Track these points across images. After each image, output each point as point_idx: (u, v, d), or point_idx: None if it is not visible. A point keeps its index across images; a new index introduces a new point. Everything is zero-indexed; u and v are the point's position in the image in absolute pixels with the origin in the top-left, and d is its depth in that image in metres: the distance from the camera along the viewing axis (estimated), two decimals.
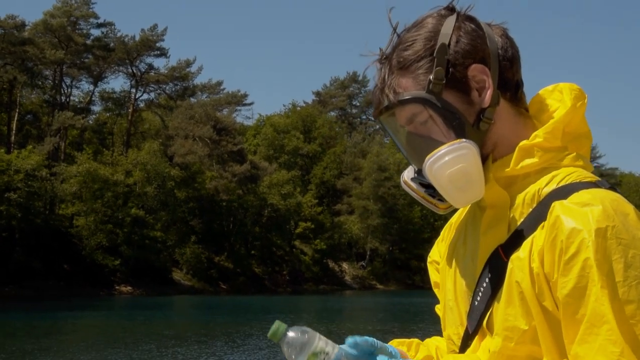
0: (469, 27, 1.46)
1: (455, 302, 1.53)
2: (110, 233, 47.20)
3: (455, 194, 1.43)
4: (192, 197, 55.01)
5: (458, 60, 1.44)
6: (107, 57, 55.75)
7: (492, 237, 1.43)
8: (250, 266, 56.49)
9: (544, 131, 1.43)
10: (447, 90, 1.44)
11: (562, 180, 1.39)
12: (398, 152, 65.26)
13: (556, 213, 1.30)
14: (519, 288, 1.34)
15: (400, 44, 1.49)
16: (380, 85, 1.50)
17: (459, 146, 1.41)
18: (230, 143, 56.67)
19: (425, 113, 1.45)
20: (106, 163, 50.72)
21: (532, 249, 1.33)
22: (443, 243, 1.67)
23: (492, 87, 1.44)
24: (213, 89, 63.72)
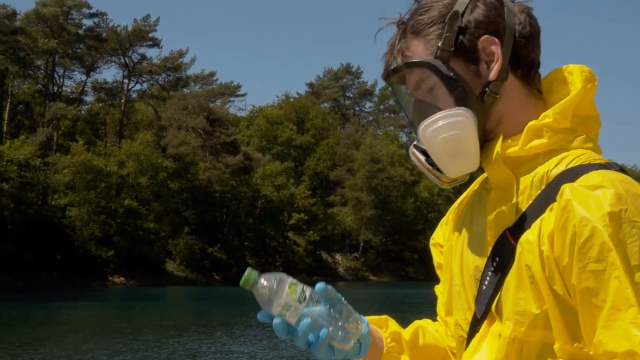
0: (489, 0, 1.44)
1: (462, 287, 1.50)
2: (104, 224, 47.11)
3: (448, 161, 1.43)
4: (185, 188, 54.94)
5: (469, 30, 1.43)
6: (100, 47, 55.50)
7: (499, 220, 1.41)
8: (243, 257, 56.50)
9: (553, 111, 1.40)
10: (456, 58, 1.43)
11: (571, 162, 1.36)
12: (391, 143, 65.30)
13: (567, 197, 1.27)
14: (529, 271, 1.31)
15: (418, 9, 1.48)
16: (391, 48, 1.50)
17: (454, 113, 1.40)
18: (224, 134, 56.58)
19: (431, 79, 1.44)
20: (99, 154, 50.55)
21: (542, 232, 1.30)
22: (447, 226, 1.65)
23: (501, 61, 1.42)
24: (206, 79, 63.59)
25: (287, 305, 1.38)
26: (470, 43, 1.42)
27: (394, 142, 70.61)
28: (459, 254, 1.53)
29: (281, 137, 68.30)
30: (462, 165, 1.43)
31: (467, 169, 1.44)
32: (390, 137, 72.58)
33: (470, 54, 1.43)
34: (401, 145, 72.38)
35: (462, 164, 1.43)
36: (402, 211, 67.23)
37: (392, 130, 76.73)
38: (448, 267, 1.57)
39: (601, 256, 1.21)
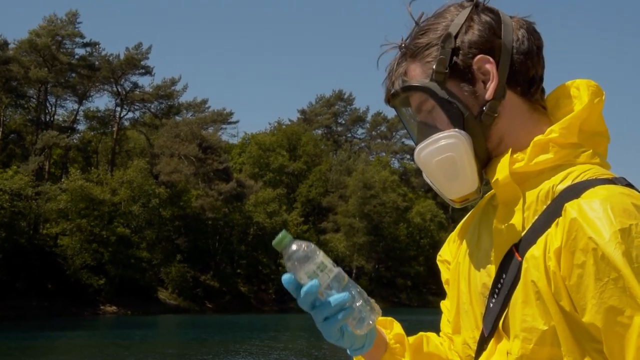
0: (484, 19, 1.45)
1: (470, 305, 1.49)
2: (95, 252, 46.86)
3: (445, 183, 1.43)
4: (177, 215, 54.77)
5: (463, 50, 1.42)
6: (92, 76, 55.61)
7: (505, 236, 1.39)
8: (236, 285, 56.21)
9: (559, 126, 1.39)
10: (451, 80, 1.43)
11: (577, 177, 1.34)
12: (383, 169, 65.27)
13: (573, 214, 1.25)
14: (535, 287, 1.30)
15: (417, 32, 1.49)
16: (390, 72, 1.51)
17: (447, 135, 1.40)
18: (216, 161, 56.57)
19: (429, 102, 1.44)
20: (92, 182, 50.45)
21: (548, 247, 1.29)
22: (454, 243, 1.63)
23: (497, 80, 1.41)
24: (198, 107, 63.72)
25: (322, 265, 1.36)
26: (464, 63, 1.42)
27: (386, 168, 70.69)
28: (466, 272, 1.51)
29: (273, 164, 68.33)
30: (459, 187, 1.43)
31: (465, 190, 1.44)
32: (382, 163, 72.71)
33: (466, 74, 1.42)
34: (393, 171, 72.48)
35: (459, 185, 1.43)
36: (395, 237, 67.14)
37: (384, 156, 76.89)
38: (455, 285, 1.55)
39: (618, 274, 1.18)
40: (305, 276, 1.36)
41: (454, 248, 1.62)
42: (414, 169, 76.91)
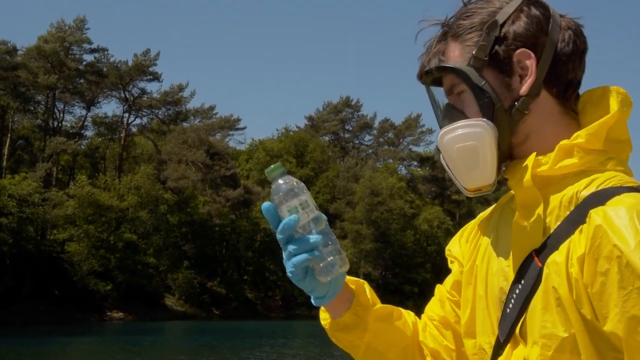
0: (534, 12, 1.42)
1: (487, 310, 1.46)
2: (103, 258, 46.95)
3: (463, 171, 1.41)
4: (184, 222, 54.84)
5: (506, 41, 1.40)
6: (100, 82, 55.81)
7: (525, 241, 1.37)
8: (242, 291, 56.20)
9: (586, 132, 1.36)
10: (489, 68, 1.40)
11: (602, 184, 1.31)
12: (391, 176, 65.19)
13: (598, 221, 1.22)
14: (556, 294, 1.27)
15: (462, 13, 1.46)
16: (428, 49, 1.48)
17: (474, 123, 1.38)
18: (223, 168, 56.66)
19: (461, 85, 1.43)
20: (100, 188, 50.58)
21: (571, 254, 1.26)
22: (468, 244, 1.60)
23: (535, 77, 1.38)
24: (206, 113, 63.84)
25: (306, 203, 1.37)
26: (505, 54, 1.40)
27: (393, 175, 70.62)
28: (484, 275, 1.49)
29: None
30: (476, 177, 1.41)
31: (481, 181, 1.42)
32: (389, 169, 72.63)
33: (504, 65, 1.40)
34: (400, 178, 72.41)
35: (476, 176, 1.41)
36: (402, 244, 67.04)
37: (391, 163, 76.84)
38: (471, 288, 1.53)
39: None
40: (286, 210, 1.36)
41: (467, 249, 1.60)
42: (421, 176, 76.86)
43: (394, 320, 1.63)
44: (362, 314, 1.57)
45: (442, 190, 74.81)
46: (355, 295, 1.58)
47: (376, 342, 1.60)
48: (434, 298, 1.71)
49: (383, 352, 1.61)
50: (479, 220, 1.62)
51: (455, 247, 1.66)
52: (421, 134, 76.89)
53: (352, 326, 1.58)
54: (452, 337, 1.65)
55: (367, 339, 1.59)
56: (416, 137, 77.24)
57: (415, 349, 1.65)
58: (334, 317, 1.58)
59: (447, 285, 1.66)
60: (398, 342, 1.62)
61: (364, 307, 1.58)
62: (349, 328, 1.58)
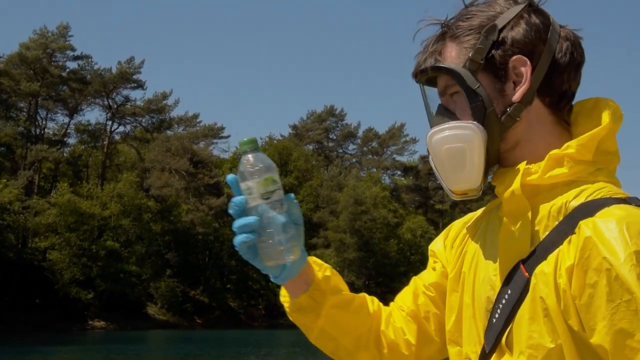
0: (534, 20, 1.41)
1: (473, 319, 1.45)
2: (84, 266, 46.62)
3: (449, 172, 1.41)
4: (167, 230, 54.60)
5: (504, 46, 1.39)
6: (84, 90, 55.51)
7: (512, 250, 1.36)
8: (225, 300, 55.97)
9: (577, 142, 1.36)
10: (484, 72, 1.40)
11: (591, 195, 1.31)
12: (374, 185, 65.12)
13: (587, 233, 1.22)
14: (544, 304, 1.26)
15: (462, 15, 1.46)
16: (425, 48, 1.48)
17: (464, 125, 1.38)
18: (207, 176, 56.52)
19: (455, 87, 1.42)
20: (82, 196, 50.25)
21: (559, 264, 1.26)
22: (454, 250, 1.59)
23: (529, 84, 1.38)
24: (190, 121, 63.68)
25: (250, 190, 1.38)
26: (501, 59, 1.39)
27: (377, 184, 70.65)
28: (471, 284, 1.48)
29: None
30: (462, 179, 1.40)
31: (467, 184, 1.41)
32: (373, 179, 72.66)
33: (500, 70, 1.39)
34: (384, 187, 72.47)
35: (462, 178, 1.40)
36: (385, 253, 67.05)
37: (375, 172, 76.92)
38: (457, 296, 1.53)
39: (631, 297, 1.16)
40: (244, 187, 1.38)
41: (452, 255, 1.59)
42: (404, 185, 76.99)
43: (353, 309, 1.62)
44: (319, 298, 1.58)
45: (426, 200, 74.99)
46: (315, 279, 1.58)
47: (330, 327, 1.60)
48: (407, 288, 1.71)
49: (336, 338, 1.62)
50: (464, 224, 1.62)
51: (439, 247, 1.66)
52: (405, 144, 77.10)
53: (307, 309, 1.58)
54: (415, 332, 1.65)
55: (321, 323, 1.59)
56: (400, 146, 77.42)
57: (370, 338, 1.65)
58: (291, 297, 1.59)
59: (425, 280, 1.66)
60: (353, 330, 1.62)
61: (322, 292, 1.58)
62: (304, 310, 1.58)
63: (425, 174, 73.84)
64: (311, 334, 1.62)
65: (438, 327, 1.64)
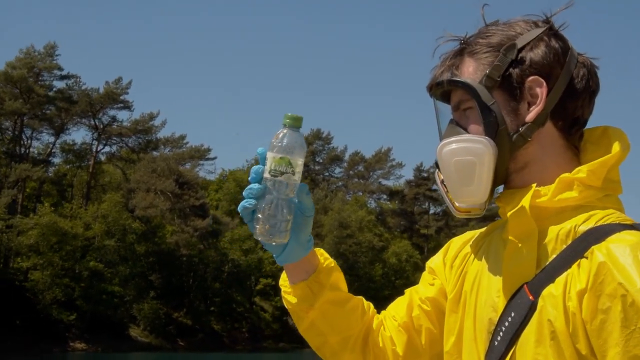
0: (553, 44, 1.42)
1: (474, 342, 1.44)
2: (67, 287, 46.21)
3: (457, 185, 1.41)
4: (152, 251, 54.26)
5: (522, 66, 1.40)
6: (70, 109, 55.33)
7: (517, 272, 1.35)
8: (209, 323, 55.56)
9: (588, 167, 1.37)
10: (499, 90, 1.40)
11: (600, 220, 1.32)
12: (360, 209, 65.05)
13: (601, 258, 1.22)
14: (551, 327, 1.26)
15: (481, 32, 1.46)
16: (443, 61, 1.48)
17: (476, 139, 1.38)
18: (193, 197, 56.30)
19: (470, 102, 1.42)
20: (66, 216, 49.91)
21: (569, 288, 1.25)
22: (454, 270, 1.58)
23: (543, 106, 1.38)
24: (176, 142, 63.54)
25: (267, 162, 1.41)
26: (518, 79, 1.39)
27: (363, 208, 70.69)
28: (472, 306, 1.47)
29: None
30: (468, 194, 1.40)
31: (473, 199, 1.41)
32: (359, 202, 72.71)
33: (515, 89, 1.40)
34: (370, 211, 72.52)
35: (469, 192, 1.40)
36: (370, 277, 66.97)
37: (361, 195, 76.97)
38: (458, 318, 1.52)
39: None
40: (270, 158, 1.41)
41: (452, 275, 1.59)
42: (390, 210, 77.02)
43: (347, 308, 1.63)
44: (316, 290, 1.59)
45: (411, 224, 75.06)
46: (316, 271, 1.59)
47: (320, 322, 1.61)
48: (401, 299, 1.71)
49: (325, 334, 1.63)
50: (463, 243, 1.61)
51: (439, 264, 1.65)
52: (391, 168, 77.29)
53: (302, 298, 1.59)
54: (404, 344, 1.65)
55: (312, 316, 1.60)
56: (386, 170, 77.60)
57: (358, 341, 1.65)
58: (290, 282, 1.61)
59: (422, 293, 1.65)
60: (342, 330, 1.63)
61: (320, 284, 1.59)
62: (299, 298, 1.60)
63: (410, 198, 74.01)
64: (301, 324, 1.63)
65: (428, 341, 1.64)
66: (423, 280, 1.69)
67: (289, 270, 1.60)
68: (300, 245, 1.53)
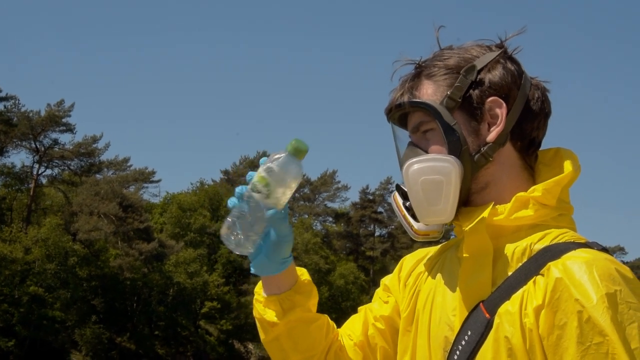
0: (509, 66, 1.44)
1: None
2: (5, 313, 44.91)
3: (423, 205, 1.39)
4: (94, 275, 53.22)
5: (481, 87, 1.42)
6: (9, 132, 54.16)
7: (473, 290, 1.35)
8: (153, 347, 54.61)
9: (543, 187, 1.38)
10: (460, 111, 1.42)
11: (555, 239, 1.34)
12: (306, 231, 65.03)
13: (557, 275, 1.24)
14: (508, 343, 1.26)
15: (438, 55, 1.48)
16: (402, 84, 1.49)
17: (444, 158, 1.38)
18: (137, 220, 55.52)
19: (430, 123, 1.44)
20: (4, 240, 48.66)
21: (525, 304, 1.27)
22: (407, 289, 1.58)
23: (503, 126, 1.40)
24: (120, 165, 62.71)
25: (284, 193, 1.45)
26: (478, 99, 1.41)
27: (308, 231, 70.69)
28: (426, 324, 1.46)
29: (195, 224, 67.52)
30: (435, 213, 1.39)
31: (440, 218, 1.40)
32: (305, 225, 72.75)
33: (476, 110, 1.41)
34: (316, 233, 72.55)
35: (436, 212, 1.38)
36: (320, 300, 66.77)
37: (307, 218, 77.03)
38: (409, 336, 1.51)
39: (602, 339, 1.16)
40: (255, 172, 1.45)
41: (406, 294, 1.59)
42: (335, 232, 77.20)
43: (313, 327, 1.66)
44: (286, 307, 1.61)
45: (357, 246, 75.37)
46: (292, 289, 1.63)
47: (285, 339, 1.63)
48: (356, 317, 1.73)
49: (287, 351, 1.64)
50: (417, 261, 1.61)
51: (394, 282, 1.65)
52: (337, 190, 77.63)
53: (271, 311, 1.62)
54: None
55: (277, 331, 1.62)
56: (332, 193, 77.91)
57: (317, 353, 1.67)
58: (264, 292, 1.64)
59: (376, 312, 1.67)
60: (306, 349, 1.65)
61: (292, 303, 1.62)
62: (268, 310, 1.63)
63: (356, 220, 74.34)
64: (266, 335, 1.65)
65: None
66: (376, 298, 1.70)
67: (263, 280, 1.64)
68: (273, 263, 1.54)
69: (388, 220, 72.87)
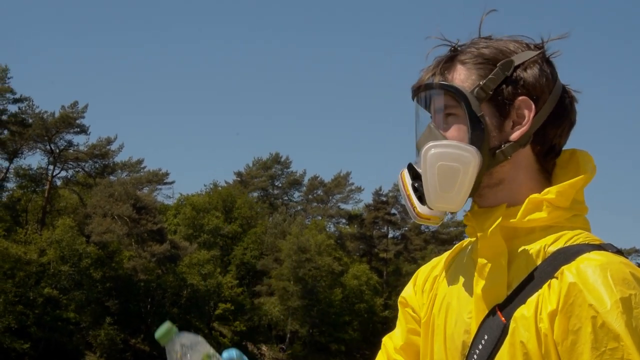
0: (545, 68, 1.42)
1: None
2: (21, 314, 45.16)
3: (436, 190, 1.37)
4: (108, 277, 53.44)
5: (515, 84, 1.40)
6: (24, 133, 54.52)
7: (488, 293, 1.35)
8: None
9: (557, 189, 1.37)
10: (488, 103, 1.39)
11: (569, 240, 1.33)
12: (319, 233, 64.97)
13: (571, 279, 1.23)
14: (524, 348, 1.26)
15: (475, 42, 1.45)
16: (436, 64, 1.46)
17: (465, 147, 1.36)
18: (150, 222, 55.70)
19: (456, 109, 1.40)
20: (19, 241, 48.94)
21: (540, 309, 1.26)
22: (425, 295, 1.56)
23: (529, 127, 1.38)
24: (134, 167, 63.01)
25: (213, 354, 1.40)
26: (509, 96, 1.39)
27: (322, 232, 70.65)
28: (441, 328, 1.46)
29: (208, 225, 67.66)
30: (446, 201, 1.37)
31: (449, 206, 1.38)
32: (318, 226, 72.72)
33: (504, 106, 1.39)
34: (329, 235, 72.51)
35: (446, 200, 1.37)
36: (330, 302, 66.73)
37: (320, 220, 77.03)
38: (428, 341, 1.50)
39: (617, 344, 1.15)
40: None
41: (424, 299, 1.57)
42: (349, 233, 77.15)
43: None
44: None
45: (370, 248, 75.28)
46: None
47: None
48: (380, 355, 1.67)
49: None
50: (431, 269, 1.59)
51: (410, 293, 1.62)
52: (350, 192, 77.64)
53: None
54: None
55: None
56: (345, 194, 77.91)
57: None
58: None
59: (397, 341, 1.63)
60: None
61: None
62: None
63: (369, 222, 74.26)
64: None
65: None
66: (400, 321, 1.66)
67: None
68: None
69: (401, 222, 72.72)
